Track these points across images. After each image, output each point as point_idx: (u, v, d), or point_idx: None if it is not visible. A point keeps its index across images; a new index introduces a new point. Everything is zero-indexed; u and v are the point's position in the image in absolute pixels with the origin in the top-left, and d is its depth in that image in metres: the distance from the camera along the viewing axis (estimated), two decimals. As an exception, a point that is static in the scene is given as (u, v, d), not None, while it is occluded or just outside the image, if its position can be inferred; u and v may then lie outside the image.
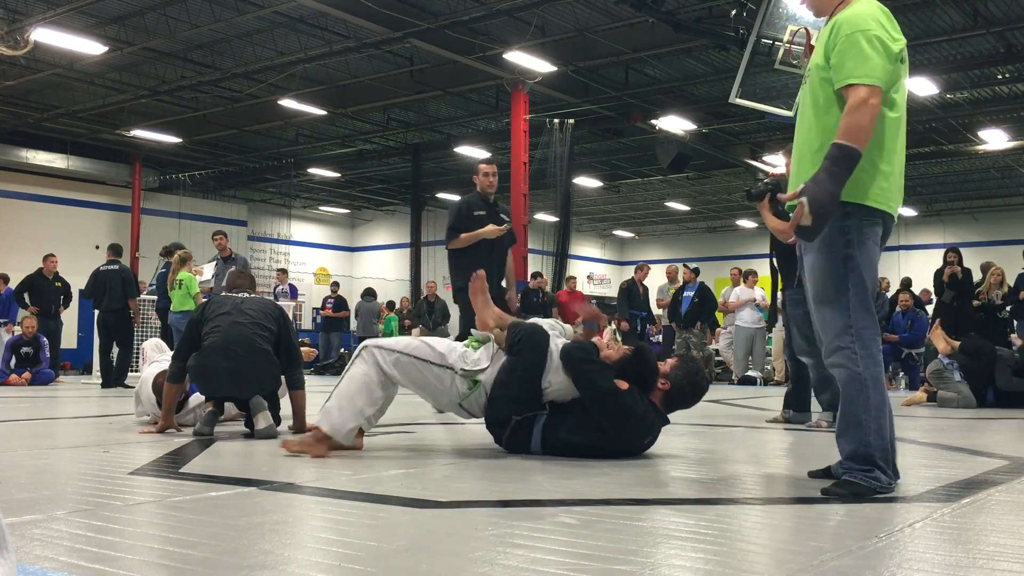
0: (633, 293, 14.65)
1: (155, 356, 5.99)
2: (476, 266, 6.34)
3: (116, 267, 12.15)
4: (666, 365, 4.11)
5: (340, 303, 19.42)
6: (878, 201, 3.03)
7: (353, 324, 19.57)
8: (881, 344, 3.12)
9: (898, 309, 13.73)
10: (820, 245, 3.06)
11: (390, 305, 21.02)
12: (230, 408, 5.31)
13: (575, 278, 19.48)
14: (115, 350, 12.05)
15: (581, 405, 4.01)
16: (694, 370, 4.13)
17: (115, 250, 12.51)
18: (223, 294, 5.45)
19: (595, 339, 4.37)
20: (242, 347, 4.88)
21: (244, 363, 4.87)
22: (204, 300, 5.65)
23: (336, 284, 20.78)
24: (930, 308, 14.19)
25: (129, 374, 11.68)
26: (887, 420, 3.01)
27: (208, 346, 4.88)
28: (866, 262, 3.03)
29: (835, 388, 6.03)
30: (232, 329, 4.91)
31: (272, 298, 16.04)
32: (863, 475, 2.97)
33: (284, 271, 18.89)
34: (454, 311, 8.21)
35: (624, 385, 3.95)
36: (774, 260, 6.44)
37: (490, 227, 6.77)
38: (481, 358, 4.12)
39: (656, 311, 15.74)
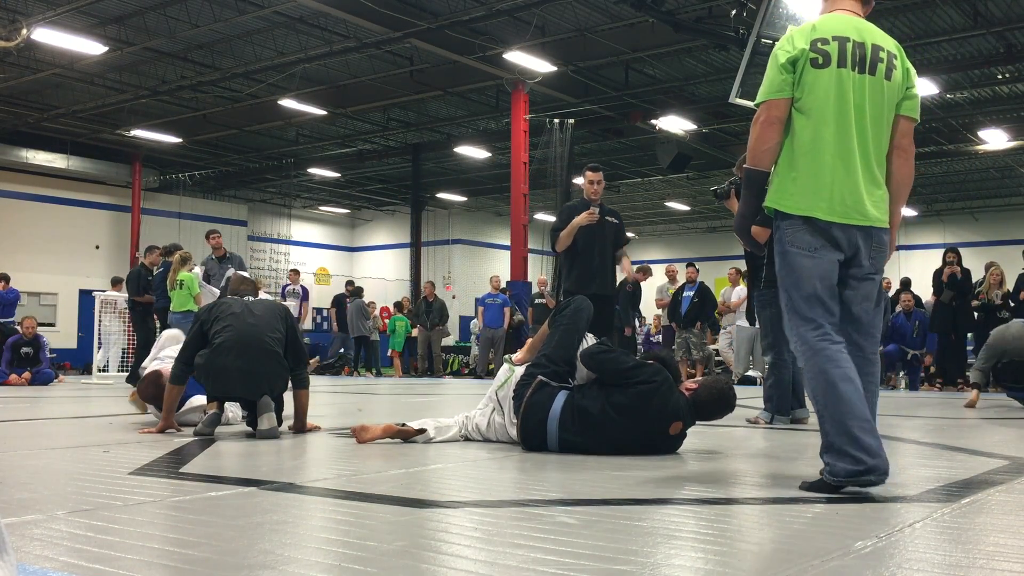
0: (636, 295, 14.56)
1: (162, 351, 5.90)
2: (586, 269, 6.84)
3: (137, 266, 12.61)
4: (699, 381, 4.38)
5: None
6: (789, 206, 3.10)
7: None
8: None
9: (899, 309, 13.70)
10: None
11: (398, 306, 20.85)
12: (225, 416, 5.29)
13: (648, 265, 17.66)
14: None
15: (601, 382, 4.21)
16: (725, 384, 4.32)
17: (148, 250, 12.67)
18: (228, 296, 5.42)
19: (516, 355, 4.69)
20: (254, 347, 4.85)
21: (256, 364, 4.84)
22: (211, 301, 5.61)
23: (351, 283, 20.53)
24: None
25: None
26: (844, 404, 2.94)
27: (219, 344, 4.83)
28: (796, 265, 3.09)
29: (781, 389, 6.15)
30: (245, 329, 4.87)
31: (280, 298, 16.04)
32: (827, 470, 2.99)
33: (296, 271, 18.76)
34: (453, 311, 8.27)
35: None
36: (745, 261, 6.56)
37: (581, 216, 6.82)
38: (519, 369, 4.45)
39: (656, 311, 15.71)
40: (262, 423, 4.85)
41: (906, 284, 14.93)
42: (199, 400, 5.35)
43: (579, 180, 20.76)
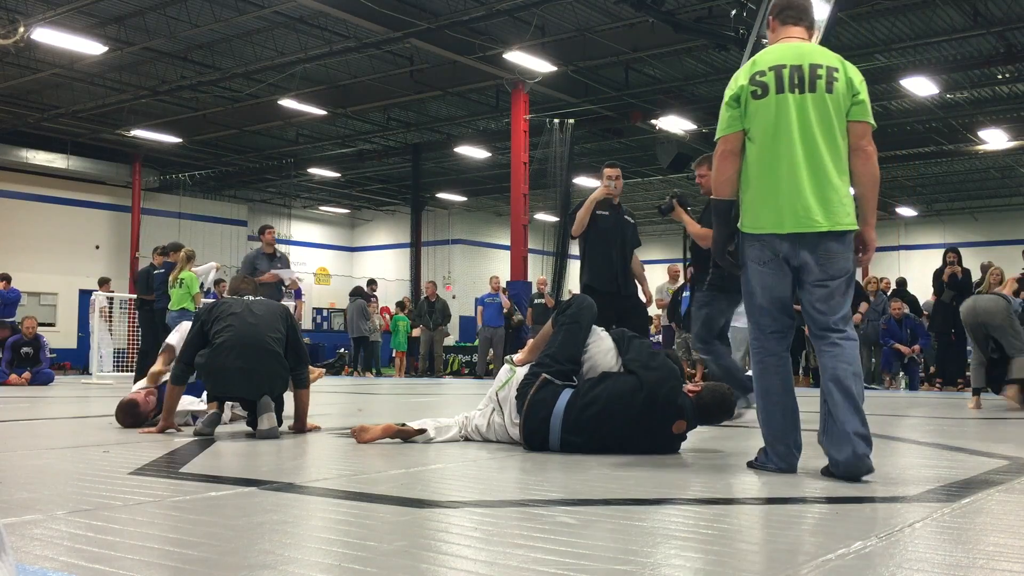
0: None
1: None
2: (603, 264, 6.87)
3: (146, 266, 12.73)
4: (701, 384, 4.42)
5: None
6: (746, 226, 3.43)
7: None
8: (785, 343, 3.53)
9: (889, 314, 13.65)
10: None
11: (400, 306, 20.84)
12: (225, 416, 5.28)
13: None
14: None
15: (607, 376, 4.23)
16: (727, 389, 4.37)
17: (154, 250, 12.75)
18: (227, 296, 5.41)
19: (517, 356, 4.66)
20: (255, 348, 4.84)
21: (256, 364, 4.84)
22: (211, 300, 5.61)
23: (373, 282, 20.60)
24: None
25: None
26: (775, 410, 3.47)
27: (220, 344, 4.82)
28: (750, 281, 3.48)
29: (737, 377, 6.11)
30: (245, 329, 4.87)
31: None
32: (759, 458, 3.58)
33: None
34: (453, 311, 8.25)
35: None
36: (688, 264, 6.59)
37: (598, 191, 6.89)
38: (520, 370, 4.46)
39: (656, 311, 15.68)
40: (262, 423, 4.85)
41: (901, 285, 14.89)
42: (186, 401, 5.34)
43: (578, 180, 20.84)
